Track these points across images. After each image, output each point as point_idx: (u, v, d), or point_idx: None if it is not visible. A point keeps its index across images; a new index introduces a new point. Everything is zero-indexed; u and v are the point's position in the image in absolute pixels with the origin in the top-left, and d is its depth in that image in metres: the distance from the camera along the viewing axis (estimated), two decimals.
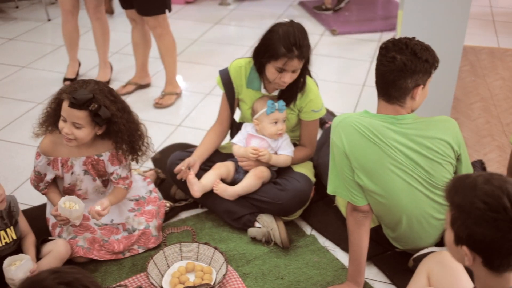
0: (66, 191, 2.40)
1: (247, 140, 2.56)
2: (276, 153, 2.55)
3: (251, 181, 2.48)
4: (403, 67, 1.94)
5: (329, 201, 2.64)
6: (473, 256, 1.29)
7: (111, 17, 5.19)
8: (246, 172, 2.55)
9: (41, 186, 2.37)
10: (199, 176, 2.51)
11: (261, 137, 2.54)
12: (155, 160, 2.97)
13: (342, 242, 2.42)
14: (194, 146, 2.74)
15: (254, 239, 2.47)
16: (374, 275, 2.32)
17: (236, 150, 2.56)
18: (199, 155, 2.58)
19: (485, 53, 4.57)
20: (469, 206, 1.26)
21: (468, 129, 3.38)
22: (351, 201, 2.10)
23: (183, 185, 2.54)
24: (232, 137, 2.72)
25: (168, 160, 2.63)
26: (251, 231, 2.46)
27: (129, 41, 3.93)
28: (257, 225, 2.47)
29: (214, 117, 2.73)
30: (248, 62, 2.54)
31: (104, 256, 2.30)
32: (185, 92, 3.88)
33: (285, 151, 2.54)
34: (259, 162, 2.52)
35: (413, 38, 2.02)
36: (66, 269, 1.15)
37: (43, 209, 2.49)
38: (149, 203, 2.51)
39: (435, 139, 2.04)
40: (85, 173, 2.35)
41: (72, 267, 1.17)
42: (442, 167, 2.06)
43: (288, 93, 2.48)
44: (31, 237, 2.20)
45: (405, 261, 2.26)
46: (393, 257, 2.34)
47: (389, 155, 2.02)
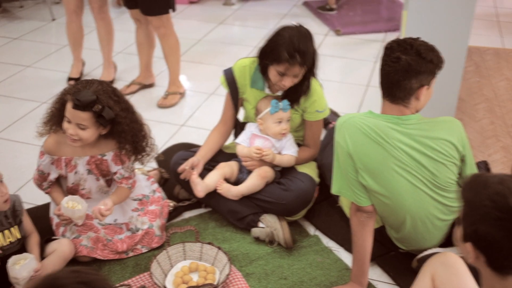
0: (69, 190, 2.40)
1: (250, 140, 2.56)
2: (280, 153, 2.55)
3: (254, 181, 2.48)
4: (407, 68, 1.93)
5: (333, 201, 2.64)
6: (476, 254, 1.29)
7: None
8: (249, 172, 2.54)
9: (44, 185, 2.38)
10: (202, 175, 2.50)
11: (265, 137, 2.54)
12: (158, 160, 2.97)
13: (345, 242, 2.42)
14: (197, 145, 2.74)
15: (257, 239, 2.47)
16: (378, 276, 2.31)
17: (239, 150, 2.56)
18: (202, 155, 2.57)
19: (490, 53, 4.56)
20: (477, 202, 1.26)
21: (472, 130, 3.37)
22: (355, 202, 2.09)
23: (187, 185, 2.54)
24: (236, 137, 2.72)
25: (171, 159, 2.63)
26: (255, 231, 2.46)
27: (133, 40, 3.93)
28: (260, 225, 2.47)
29: (217, 117, 2.72)
30: (252, 62, 2.54)
31: (107, 255, 2.30)
32: (188, 92, 3.88)
33: (289, 151, 2.54)
34: (262, 162, 2.52)
35: (418, 38, 2.02)
36: (85, 270, 1.15)
37: (46, 208, 2.50)
38: (152, 202, 2.51)
39: (439, 139, 2.04)
40: (89, 172, 2.35)
41: (90, 268, 1.17)
42: (446, 168, 2.06)
43: (292, 95, 2.47)
44: (35, 236, 2.21)
45: (409, 262, 2.26)
46: (397, 258, 2.34)
47: (393, 155, 2.02)
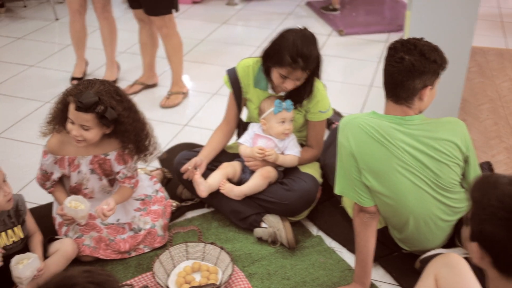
0: (72, 190, 2.40)
1: (253, 140, 2.56)
2: (282, 153, 2.55)
3: (257, 181, 2.48)
4: (411, 68, 1.93)
5: (335, 201, 2.63)
6: (482, 254, 1.28)
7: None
8: (252, 172, 2.54)
9: (47, 184, 2.38)
10: (205, 175, 2.50)
11: (268, 137, 2.53)
12: (161, 159, 2.97)
13: (348, 243, 2.42)
14: (200, 145, 2.74)
15: (260, 239, 2.47)
16: (380, 277, 2.31)
17: (242, 150, 2.56)
18: (205, 155, 2.57)
19: (494, 54, 4.55)
20: (485, 202, 1.26)
21: (476, 130, 3.37)
22: (358, 202, 2.09)
23: (190, 185, 2.54)
24: (239, 137, 2.71)
25: (174, 159, 2.63)
26: (257, 231, 2.46)
27: (136, 40, 3.93)
28: (263, 225, 2.47)
29: (220, 117, 2.72)
30: (255, 62, 2.54)
31: (110, 255, 2.30)
32: (191, 91, 3.88)
33: (292, 151, 2.54)
34: (265, 162, 2.51)
35: (421, 38, 2.02)
36: (97, 270, 1.15)
37: (49, 208, 2.50)
38: (155, 202, 2.51)
39: (443, 140, 2.03)
40: (92, 172, 2.35)
41: (102, 269, 1.18)
42: (449, 168, 2.05)
43: (295, 96, 2.47)
44: (38, 236, 2.21)
45: (412, 263, 2.25)
46: (399, 259, 2.33)
47: (396, 156, 2.01)
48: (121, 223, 2.40)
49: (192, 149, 2.70)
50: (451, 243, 2.23)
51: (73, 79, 3.88)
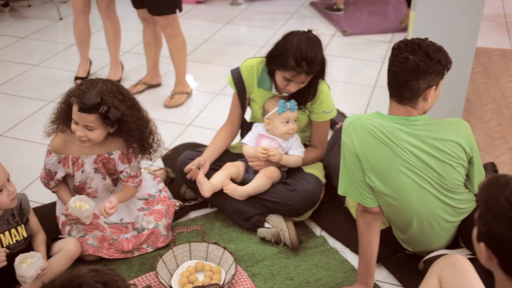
0: (76, 189, 2.41)
1: (257, 140, 2.56)
2: (286, 153, 2.54)
3: (261, 181, 2.48)
4: (415, 68, 1.93)
5: (339, 202, 2.63)
6: (489, 255, 1.28)
7: None
8: (256, 172, 2.54)
9: (51, 184, 2.38)
10: (209, 175, 2.50)
11: (272, 137, 2.53)
12: (165, 158, 2.97)
13: (352, 243, 2.41)
14: (204, 145, 2.74)
15: (263, 240, 2.46)
16: (384, 277, 2.30)
17: (246, 150, 2.56)
18: (209, 155, 2.57)
19: (498, 54, 4.54)
20: (493, 202, 1.25)
21: (480, 131, 3.36)
22: (362, 203, 2.09)
23: (193, 185, 2.54)
24: (242, 137, 2.71)
25: (178, 159, 2.63)
26: (261, 232, 2.45)
27: (140, 40, 3.94)
28: (266, 225, 2.47)
29: (224, 117, 2.72)
30: (260, 62, 2.53)
31: (113, 254, 2.31)
32: (195, 91, 3.88)
33: (295, 152, 2.54)
34: (269, 162, 2.51)
35: (426, 39, 2.01)
36: (105, 270, 1.15)
37: (53, 207, 2.50)
38: (158, 202, 2.51)
39: (447, 141, 2.03)
40: (96, 171, 2.35)
41: (110, 269, 1.17)
42: (453, 169, 2.05)
43: (299, 98, 2.47)
44: (41, 235, 2.21)
45: (416, 264, 2.25)
46: (403, 259, 2.33)
47: (400, 156, 2.01)
48: (124, 222, 2.41)
49: (195, 149, 2.70)
50: (455, 244, 2.22)
51: (76, 78, 3.88)
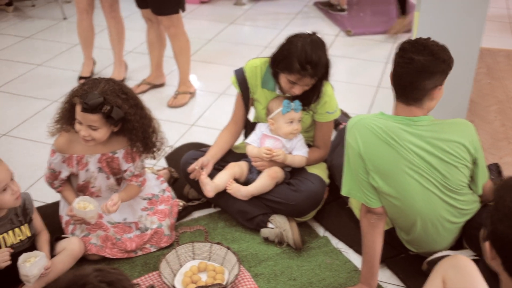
0: (79, 188, 2.41)
1: (261, 140, 2.56)
2: (290, 153, 2.54)
3: (264, 182, 2.48)
4: (421, 68, 1.92)
5: (342, 202, 2.63)
6: (493, 254, 1.28)
7: None
8: (259, 172, 2.54)
9: (55, 183, 2.38)
10: (212, 175, 2.50)
11: (276, 137, 2.53)
12: (169, 158, 2.98)
13: (355, 244, 2.41)
14: (207, 145, 2.74)
15: (266, 240, 2.46)
16: (387, 278, 2.30)
17: (250, 150, 2.56)
18: (212, 155, 2.57)
19: (502, 55, 4.53)
20: (500, 202, 1.25)
21: (484, 132, 3.35)
22: (365, 203, 2.08)
23: (196, 185, 2.54)
24: (246, 137, 2.71)
25: (181, 159, 2.63)
26: (264, 232, 2.45)
27: (144, 40, 3.94)
28: (270, 225, 2.46)
29: (228, 117, 2.72)
30: (263, 62, 2.53)
31: (116, 254, 2.31)
32: (199, 91, 3.88)
33: (299, 152, 2.53)
34: (272, 162, 2.51)
35: (428, 38, 2.00)
36: (109, 269, 1.15)
37: (56, 206, 2.50)
38: (162, 202, 2.51)
39: (451, 141, 2.02)
40: (99, 170, 2.36)
41: (114, 268, 1.17)
42: (458, 170, 2.04)
43: (303, 99, 2.46)
44: (45, 234, 2.21)
45: (419, 264, 2.24)
46: (406, 260, 2.33)
47: (404, 157, 2.00)
48: (127, 222, 2.41)
49: (199, 149, 2.70)
50: (459, 245, 2.22)
51: (80, 78, 3.89)
